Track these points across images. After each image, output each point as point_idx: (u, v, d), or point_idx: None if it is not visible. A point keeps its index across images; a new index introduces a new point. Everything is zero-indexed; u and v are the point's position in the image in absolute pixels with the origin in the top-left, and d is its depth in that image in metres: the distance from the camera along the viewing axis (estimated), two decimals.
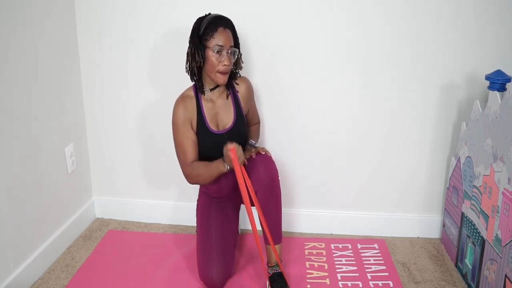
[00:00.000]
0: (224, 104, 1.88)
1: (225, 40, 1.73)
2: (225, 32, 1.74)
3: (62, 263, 2.03)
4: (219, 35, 1.73)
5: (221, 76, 1.78)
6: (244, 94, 1.93)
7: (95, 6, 2.12)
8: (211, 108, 1.86)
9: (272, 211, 1.80)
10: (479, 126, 1.84)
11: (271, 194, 1.77)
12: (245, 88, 1.93)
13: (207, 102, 1.86)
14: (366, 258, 2.10)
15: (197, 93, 1.85)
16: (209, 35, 1.73)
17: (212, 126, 1.85)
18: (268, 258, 1.87)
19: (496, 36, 1.99)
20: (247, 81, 1.96)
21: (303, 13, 2.03)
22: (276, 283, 1.81)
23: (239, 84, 1.92)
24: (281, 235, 1.86)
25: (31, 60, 1.85)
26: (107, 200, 2.42)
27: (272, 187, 1.77)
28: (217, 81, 1.80)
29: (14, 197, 1.79)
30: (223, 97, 1.88)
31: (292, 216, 2.29)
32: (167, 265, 2.02)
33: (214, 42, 1.73)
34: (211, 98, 1.87)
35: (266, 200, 1.77)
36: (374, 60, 2.07)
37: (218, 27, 1.73)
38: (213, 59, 1.74)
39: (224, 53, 1.74)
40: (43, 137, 1.96)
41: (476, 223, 1.83)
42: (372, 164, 2.22)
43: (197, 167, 1.82)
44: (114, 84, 2.22)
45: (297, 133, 2.18)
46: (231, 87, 1.90)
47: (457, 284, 1.94)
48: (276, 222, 1.83)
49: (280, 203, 1.82)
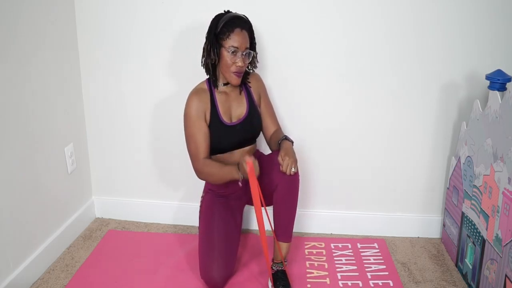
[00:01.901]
0: (237, 96, 1.89)
1: (240, 41, 1.74)
2: (241, 34, 1.74)
3: (62, 263, 2.03)
4: (235, 36, 1.73)
5: (235, 76, 1.79)
6: (255, 86, 1.94)
7: (95, 6, 2.12)
8: (225, 101, 1.86)
9: (288, 207, 1.80)
10: (479, 125, 1.84)
11: (290, 190, 1.77)
12: (255, 81, 1.94)
13: (220, 95, 1.86)
14: (366, 258, 2.10)
15: (211, 86, 1.86)
16: (226, 34, 1.73)
17: (225, 118, 1.85)
18: (275, 254, 1.88)
19: (496, 36, 1.99)
20: (257, 76, 1.97)
21: (311, 15, 2.03)
22: (280, 280, 1.81)
23: (251, 81, 1.93)
24: (291, 234, 1.85)
25: (31, 60, 1.85)
26: (107, 200, 2.42)
27: (292, 182, 1.76)
28: (230, 81, 1.81)
29: (14, 197, 1.79)
30: (236, 91, 1.89)
31: None
32: (167, 265, 2.01)
33: (230, 43, 1.73)
34: (225, 91, 1.87)
35: (284, 195, 1.77)
36: (374, 60, 2.07)
37: (235, 28, 1.73)
38: (227, 59, 1.75)
39: (238, 55, 1.75)
40: (43, 136, 1.96)
41: (477, 223, 1.83)
42: (373, 164, 2.22)
43: (210, 165, 1.81)
44: (114, 83, 2.22)
45: (297, 133, 2.18)
46: (244, 84, 1.91)
47: (457, 284, 1.94)
48: (289, 220, 1.82)
49: (296, 200, 1.81)
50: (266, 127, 1.96)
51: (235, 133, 1.83)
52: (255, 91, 1.94)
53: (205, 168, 1.81)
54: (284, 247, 1.85)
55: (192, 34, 2.06)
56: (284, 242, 1.84)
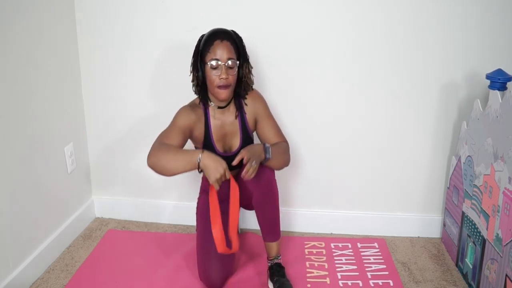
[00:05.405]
0: (232, 125, 1.81)
1: (221, 52, 1.66)
2: (221, 45, 1.66)
3: (62, 263, 2.03)
4: (215, 48, 1.66)
5: (221, 91, 1.69)
6: (251, 110, 1.83)
7: (95, 6, 2.12)
8: (220, 128, 1.79)
9: (269, 212, 1.78)
10: (479, 125, 1.84)
11: (268, 197, 1.74)
12: (251, 102, 1.83)
13: (215, 120, 1.79)
14: (366, 258, 2.10)
15: (205, 107, 1.79)
16: (207, 50, 1.68)
17: (218, 147, 1.79)
18: (268, 252, 1.87)
19: (497, 36, 1.99)
20: (254, 93, 1.85)
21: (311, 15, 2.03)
22: (275, 273, 1.81)
23: (247, 103, 1.82)
24: (279, 232, 1.85)
25: (31, 60, 1.85)
26: (106, 200, 2.42)
27: (269, 190, 1.73)
28: (218, 96, 1.71)
29: (14, 197, 1.78)
30: (231, 118, 1.81)
31: (292, 215, 2.29)
32: (167, 265, 2.01)
33: (210, 56, 1.67)
34: (220, 117, 1.80)
35: (263, 202, 1.75)
36: (374, 60, 2.07)
37: (215, 41, 1.67)
38: (211, 75, 1.68)
39: (220, 66, 1.66)
40: (42, 136, 1.96)
41: (477, 223, 1.83)
42: (373, 163, 2.22)
43: (168, 148, 1.61)
44: (114, 83, 2.22)
45: (297, 133, 2.18)
46: (241, 108, 1.82)
47: (458, 283, 1.93)
48: (273, 221, 1.81)
49: (277, 204, 1.79)
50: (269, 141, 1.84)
51: (228, 164, 1.65)
52: (251, 115, 1.83)
53: (161, 146, 1.63)
54: (274, 245, 1.84)
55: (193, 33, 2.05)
56: (272, 242, 1.84)
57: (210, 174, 1.55)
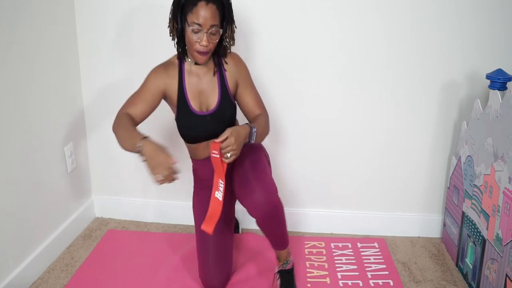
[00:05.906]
0: (210, 82, 1.68)
1: (204, 18, 1.50)
2: (206, 8, 1.50)
3: (62, 263, 2.03)
4: (199, 10, 1.50)
5: (200, 56, 1.58)
6: (232, 72, 1.71)
7: (95, 6, 2.12)
8: (195, 85, 1.67)
9: (276, 234, 1.69)
10: (479, 125, 1.84)
11: (273, 222, 1.61)
12: (233, 64, 1.71)
13: (190, 76, 1.66)
14: (366, 257, 2.10)
15: (181, 63, 1.66)
16: (189, 9, 1.52)
17: (194, 105, 1.66)
18: (278, 257, 1.84)
19: (497, 35, 1.99)
20: (236, 57, 1.73)
21: (311, 15, 2.03)
22: (284, 278, 1.79)
23: (228, 62, 1.70)
24: (286, 242, 1.77)
25: (31, 60, 1.85)
26: (106, 199, 2.42)
27: (274, 215, 1.58)
28: (195, 59, 1.61)
29: (14, 196, 1.78)
30: (209, 74, 1.68)
31: (291, 215, 2.28)
32: (167, 265, 2.01)
33: (192, 18, 1.51)
34: (197, 73, 1.67)
35: (268, 226, 1.63)
36: (374, 60, 2.07)
37: (199, 2, 1.50)
38: (190, 36, 1.54)
39: (202, 33, 1.53)
40: (42, 136, 1.96)
41: (477, 223, 1.83)
42: (373, 163, 2.22)
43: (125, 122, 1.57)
44: (114, 83, 2.22)
45: (297, 132, 2.18)
46: (220, 65, 1.69)
47: (458, 283, 1.93)
48: (281, 235, 1.72)
49: (284, 225, 1.68)
50: (248, 112, 1.74)
51: (205, 124, 1.64)
52: (232, 77, 1.71)
53: (119, 119, 1.60)
54: (283, 252, 1.81)
55: None
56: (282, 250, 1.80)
57: (150, 170, 1.44)
